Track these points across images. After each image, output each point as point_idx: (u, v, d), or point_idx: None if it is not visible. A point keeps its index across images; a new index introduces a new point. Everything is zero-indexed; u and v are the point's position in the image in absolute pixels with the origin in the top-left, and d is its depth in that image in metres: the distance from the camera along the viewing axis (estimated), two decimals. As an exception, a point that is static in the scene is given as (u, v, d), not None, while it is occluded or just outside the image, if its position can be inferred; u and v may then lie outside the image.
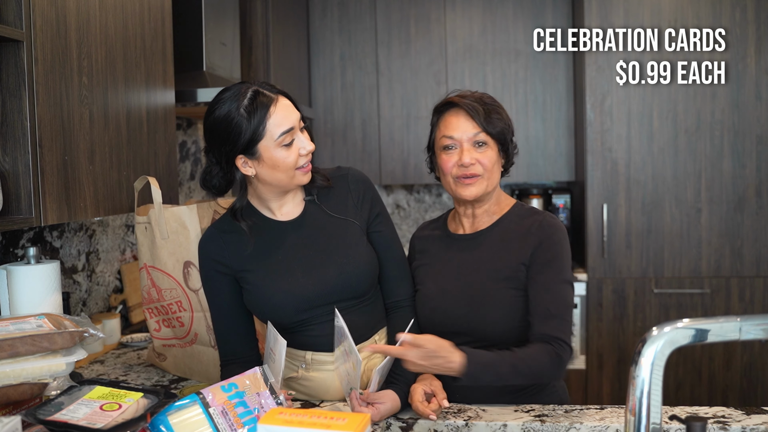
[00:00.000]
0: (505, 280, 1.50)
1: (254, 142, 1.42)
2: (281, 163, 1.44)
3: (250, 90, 1.42)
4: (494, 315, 1.49)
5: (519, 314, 1.49)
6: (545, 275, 1.48)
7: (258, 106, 1.41)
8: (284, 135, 1.42)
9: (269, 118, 1.41)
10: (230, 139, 1.42)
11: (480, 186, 1.53)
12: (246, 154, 1.44)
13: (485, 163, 1.52)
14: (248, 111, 1.40)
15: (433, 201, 3.97)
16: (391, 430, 1.44)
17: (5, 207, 1.43)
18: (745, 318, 0.84)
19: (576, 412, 1.46)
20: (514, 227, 1.55)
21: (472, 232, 1.60)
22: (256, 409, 1.24)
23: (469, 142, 1.52)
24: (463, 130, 1.53)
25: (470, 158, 1.51)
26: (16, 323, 1.33)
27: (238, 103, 1.41)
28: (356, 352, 1.35)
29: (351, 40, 3.67)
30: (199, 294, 1.68)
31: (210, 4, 2.53)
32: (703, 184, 3.17)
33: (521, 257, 1.50)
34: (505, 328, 1.49)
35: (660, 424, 0.86)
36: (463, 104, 1.54)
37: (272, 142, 1.42)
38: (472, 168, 1.52)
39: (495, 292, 1.50)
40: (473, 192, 1.53)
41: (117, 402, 1.20)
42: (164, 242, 1.69)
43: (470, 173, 1.52)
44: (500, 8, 3.56)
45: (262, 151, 1.43)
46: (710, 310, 3.17)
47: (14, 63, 1.41)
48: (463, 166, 1.52)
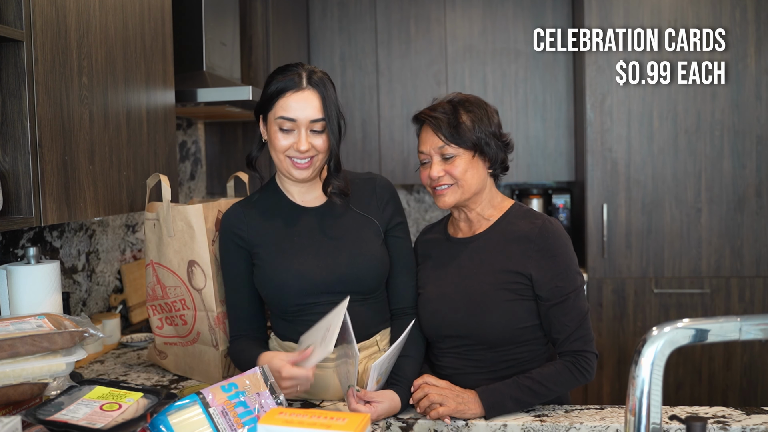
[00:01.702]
0: (503, 283, 1.51)
1: (265, 109, 1.54)
2: (273, 142, 1.53)
3: (299, 69, 1.52)
4: (492, 318, 1.50)
5: (516, 317, 1.50)
6: (557, 294, 1.48)
7: (286, 83, 1.50)
8: (283, 120, 1.49)
9: (283, 97, 1.49)
10: (261, 95, 1.55)
11: (453, 195, 1.54)
12: (262, 117, 1.56)
13: (455, 174, 1.52)
14: (278, 81, 1.50)
15: (432, 201, 3.96)
16: (391, 430, 1.44)
17: (5, 207, 1.43)
18: (745, 318, 0.84)
19: (576, 412, 1.46)
20: (513, 229, 1.55)
21: (470, 235, 1.60)
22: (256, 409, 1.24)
23: (437, 155, 1.54)
24: (430, 145, 1.55)
25: (437, 171, 1.53)
26: (16, 323, 1.33)
27: (280, 72, 1.52)
28: (355, 347, 1.36)
29: (351, 40, 3.67)
30: (202, 293, 1.68)
31: (210, 4, 2.53)
32: (703, 184, 3.17)
33: (521, 266, 1.50)
34: (503, 330, 1.50)
35: (660, 424, 0.86)
36: (427, 119, 1.55)
37: (273, 119, 1.51)
38: (441, 180, 1.54)
39: (493, 296, 1.50)
40: (447, 201, 1.55)
41: (117, 402, 1.20)
42: (170, 240, 1.70)
43: (438, 185, 1.54)
44: (500, 8, 3.56)
45: (269, 121, 1.53)
46: (710, 310, 3.17)
47: (14, 63, 1.41)
48: (432, 179, 1.55)
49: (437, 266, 1.62)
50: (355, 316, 1.51)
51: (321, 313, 1.51)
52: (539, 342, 1.54)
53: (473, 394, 1.44)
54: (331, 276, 1.52)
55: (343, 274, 1.52)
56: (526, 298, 1.50)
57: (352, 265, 1.53)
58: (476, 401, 1.43)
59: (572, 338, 1.48)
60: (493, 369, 1.52)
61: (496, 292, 1.50)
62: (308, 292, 1.51)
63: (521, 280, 1.49)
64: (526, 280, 1.49)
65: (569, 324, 1.48)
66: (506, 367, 1.52)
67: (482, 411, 1.42)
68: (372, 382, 1.42)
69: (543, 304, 1.50)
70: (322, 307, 1.51)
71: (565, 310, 1.48)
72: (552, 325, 1.50)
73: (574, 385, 1.48)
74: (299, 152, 1.49)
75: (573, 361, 1.47)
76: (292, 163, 1.51)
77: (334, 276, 1.52)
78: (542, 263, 1.49)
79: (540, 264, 1.49)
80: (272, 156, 1.55)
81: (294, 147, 1.49)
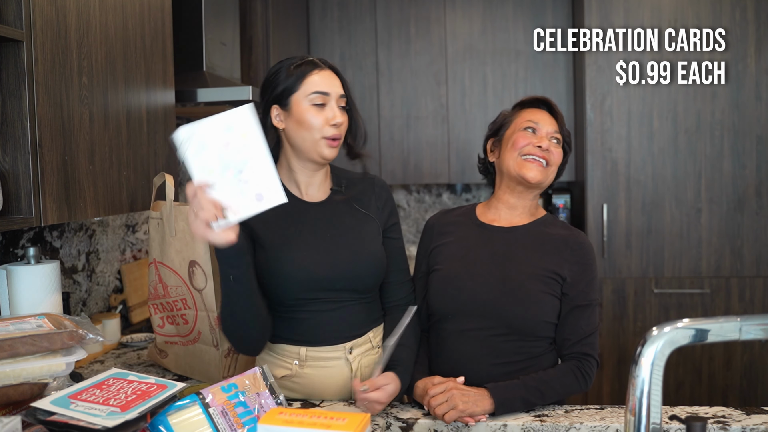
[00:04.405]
0: (540, 276, 1.54)
1: (289, 92, 1.49)
2: (307, 121, 1.48)
3: (308, 56, 1.54)
4: (525, 307, 1.52)
5: (544, 310, 1.54)
6: (582, 297, 1.55)
7: (305, 65, 1.50)
8: (317, 94, 1.48)
9: (310, 75, 1.49)
10: (271, 87, 1.52)
11: (542, 173, 1.59)
12: (280, 105, 1.51)
13: (555, 157, 1.60)
14: (295, 67, 1.50)
15: (433, 201, 3.97)
16: (391, 430, 1.44)
17: (5, 207, 1.43)
18: (745, 318, 0.84)
19: (576, 412, 1.46)
20: (550, 232, 1.61)
21: (508, 225, 1.63)
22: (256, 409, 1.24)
23: (548, 136, 1.61)
24: (546, 124, 1.62)
25: (547, 144, 1.60)
26: (16, 323, 1.33)
27: (291, 62, 1.52)
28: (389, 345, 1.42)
29: (351, 40, 3.67)
30: (203, 293, 1.69)
31: (210, 4, 2.53)
32: (703, 184, 3.17)
33: (558, 266, 1.55)
34: (531, 320, 1.53)
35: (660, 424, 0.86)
36: (552, 104, 1.67)
37: (304, 97, 1.48)
38: (546, 153, 1.59)
39: (530, 285, 1.53)
40: (536, 174, 1.58)
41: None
42: (173, 239, 1.70)
43: (541, 155, 1.59)
44: (500, 8, 3.56)
45: (293, 104, 1.49)
46: (710, 310, 3.17)
47: (14, 63, 1.41)
48: (540, 148, 1.59)
49: (462, 246, 1.63)
50: (352, 315, 1.54)
51: (317, 310, 1.52)
52: (550, 341, 1.57)
53: (483, 391, 1.44)
54: (333, 272, 1.52)
55: (345, 271, 1.52)
56: (554, 295, 1.54)
57: (355, 263, 1.53)
58: (487, 398, 1.42)
59: (582, 342, 1.53)
60: (503, 360, 1.53)
61: (532, 282, 1.54)
62: (309, 287, 1.51)
63: (555, 278, 1.54)
64: (560, 279, 1.54)
65: (584, 328, 1.54)
66: (517, 360, 1.53)
67: (492, 407, 1.42)
68: (385, 361, 1.45)
69: (567, 304, 1.54)
70: (319, 304, 1.52)
71: (585, 314, 1.54)
72: (568, 325, 1.54)
73: (575, 389, 1.51)
74: (335, 126, 1.49)
75: (578, 365, 1.51)
76: (326, 143, 1.50)
77: (336, 272, 1.52)
78: (575, 268, 1.55)
79: (573, 269, 1.55)
80: (298, 140, 1.50)
81: (329, 122, 1.49)
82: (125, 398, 1.18)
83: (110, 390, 1.22)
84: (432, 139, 3.65)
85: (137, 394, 1.20)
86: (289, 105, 1.49)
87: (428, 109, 3.65)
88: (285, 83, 1.49)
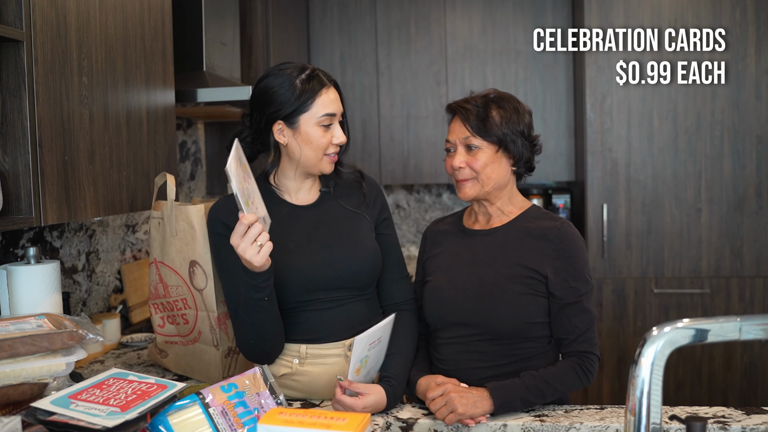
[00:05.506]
0: (518, 277, 1.52)
1: (298, 112, 1.50)
2: (314, 141, 1.51)
3: (309, 68, 1.53)
4: (504, 310, 1.50)
5: (527, 311, 1.51)
6: (571, 294, 1.50)
7: (313, 83, 1.50)
8: (326, 117, 1.50)
9: (319, 96, 1.50)
10: (277, 103, 1.50)
11: (473, 188, 1.56)
12: (286, 122, 1.51)
13: (475, 166, 1.54)
14: (303, 83, 1.50)
15: (433, 201, 3.97)
16: (391, 430, 1.44)
17: (5, 207, 1.43)
18: (745, 318, 0.84)
19: (576, 412, 1.46)
20: (531, 227, 1.56)
21: (487, 228, 1.62)
22: (256, 409, 1.24)
23: (461, 145, 1.56)
24: (456, 134, 1.57)
25: (459, 161, 1.55)
26: (16, 323, 1.33)
27: (296, 74, 1.50)
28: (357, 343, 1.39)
29: (351, 40, 3.67)
30: (203, 294, 1.69)
31: (210, 4, 2.53)
32: (703, 184, 3.17)
33: (537, 264, 1.51)
34: (512, 323, 1.50)
35: (660, 424, 0.86)
36: (458, 109, 1.58)
37: (313, 119, 1.50)
38: (461, 171, 1.55)
39: (507, 287, 1.51)
40: (467, 193, 1.57)
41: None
42: (173, 239, 1.70)
43: (460, 177, 1.56)
44: (500, 8, 3.56)
45: (302, 123, 1.50)
46: (710, 310, 3.17)
47: (14, 63, 1.41)
48: (453, 168, 1.57)
49: (449, 256, 1.63)
50: (352, 312, 1.55)
51: (316, 310, 1.53)
52: (544, 341, 1.55)
53: (483, 391, 1.43)
54: (330, 272, 1.52)
55: (341, 270, 1.53)
56: (538, 295, 1.51)
57: (350, 261, 1.54)
58: (486, 398, 1.42)
59: (580, 339, 1.50)
60: (496, 363, 1.52)
61: (510, 284, 1.51)
62: (307, 288, 1.52)
63: (536, 277, 1.51)
64: (541, 277, 1.51)
65: (579, 326, 1.50)
66: (509, 363, 1.52)
67: (491, 408, 1.41)
68: (354, 361, 1.40)
69: (556, 303, 1.51)
70: (319, 304, 1.53)
71: (577, 311, 1.50)
72: (561, 325, 1.51)
73: (577, 386, 1.49)
74: (337, 146, 1.53)
75: (579, 362, 1.49)
76: (328, 159, 1.54)
77: (333, 272, 1.53)
78: (558, 263, 1.50)
79: (556, 264, 1.50)
80: (301, 156, 1.52)
81: (334, 141, 1.52)
82: (125, 398, 1.18)
83: (110, 390, 1.22)
84: (432, 139, 3.65)
85: (137, 394, 1.20)
86: (297, 124, 1.51)
87: (428, 109, 3.65)
88: (295, 103, 1.49)
